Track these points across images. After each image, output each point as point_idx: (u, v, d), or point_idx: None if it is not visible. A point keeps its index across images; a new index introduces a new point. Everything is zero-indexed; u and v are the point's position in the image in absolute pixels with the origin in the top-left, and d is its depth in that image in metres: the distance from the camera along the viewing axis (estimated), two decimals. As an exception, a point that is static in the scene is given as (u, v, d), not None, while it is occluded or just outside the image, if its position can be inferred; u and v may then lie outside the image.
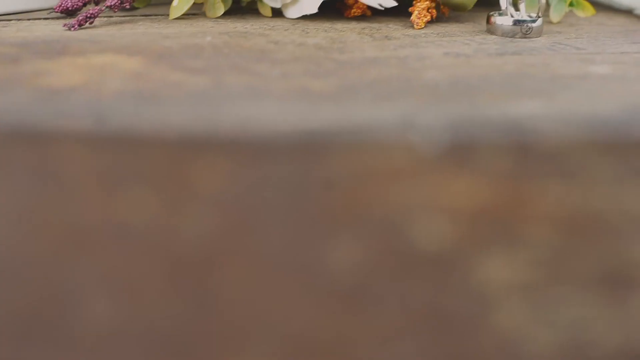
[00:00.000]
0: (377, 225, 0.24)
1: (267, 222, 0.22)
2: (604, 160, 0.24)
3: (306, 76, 0.36)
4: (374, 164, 0.23)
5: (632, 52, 0.44)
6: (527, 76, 0.38)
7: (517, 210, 0.23)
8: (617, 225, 0.24)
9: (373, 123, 0.25)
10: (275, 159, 0.23)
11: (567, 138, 0.24)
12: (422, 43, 0.43)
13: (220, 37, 0.43)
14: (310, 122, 0.25)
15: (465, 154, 0.23)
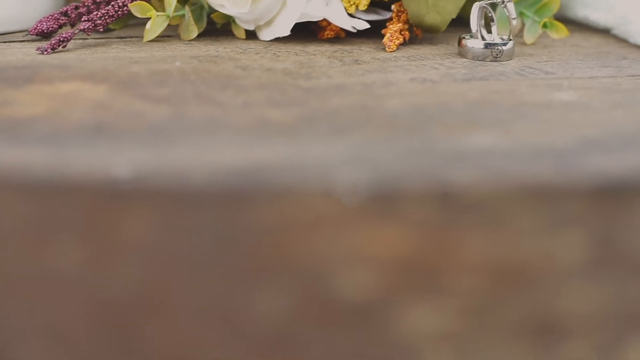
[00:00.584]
0: (303, 274, 0.24)
1: (194, 270, 0.23)
2: (531, 210, 0.24)
3: (268, 105, 0.37)
4: (299, 214, 0.24)
5: (601, 77, 0.44)
6: (489, 104, 0.38)
7: (442, 260, 0.23)
8: (544, 275, 0.24)
9: (297, 174, 0.25)
10: (200, 208, 0.24)
11: (492, 188, 0.25)
12: (390, 67, 0.44)
13: (190, 61, 0.43)
14: (237, 173, 0.25)
15: (388, 204, 0.24)
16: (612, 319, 0.25)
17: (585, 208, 0.25)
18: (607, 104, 0.39)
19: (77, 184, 0.24)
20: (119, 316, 0.22)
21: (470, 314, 0.24)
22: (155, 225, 0.23)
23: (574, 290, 0.24)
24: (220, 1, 0.47)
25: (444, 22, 0.49)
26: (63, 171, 0.25)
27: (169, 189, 0.23)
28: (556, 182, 0.25)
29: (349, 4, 0.48)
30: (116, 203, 0.23)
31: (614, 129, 0.35)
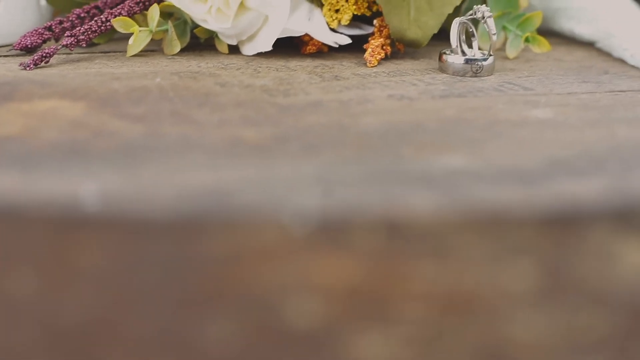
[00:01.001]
0: (253, 303, 0.24)
1: (146, 298, 0.23)
2: (479, 239, 0.25)
3: (242, 124, 0.37)
4: (249, 243, 0.24)
5: (580, 93, 0.44)
6: (463, 123, 0.38)
7: (391, 289, 0.24)
8: (493, 304, 0.24)
9: (247, 203, 0.25)
10: (152, 238, 0.24)
11: (440, 218, 0.25)
12: (369, 84, 0.44)
13: (171, 78, 0.43)
14: (188, 202, 0.25)
15: (337, 233, 0.24)
16: (561, 349, 0.25)
17: (535, 237, 0.25)
18: (582, 121, 0.39)
19: (40, 209, 0.25)
20: (73, 342, 0.23)
21: (419, 343, 0.24)
22: (110, 254, 0.23)
23: (523, 320, 0.25)
24: (203, 16, 0.47)
25: (426, 37, 0.49)
26: (28, 196, 0.26)
27: (126, 216, 0.24)
28: (507, 211, 0.25)
29: (331, 19, 0.49)
30: (74, 230, 0.24)
31: (584, 149, 0.35)
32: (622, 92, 0.45)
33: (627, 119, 0.40)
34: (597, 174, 0.31)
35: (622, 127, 0.38)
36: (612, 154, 0.34)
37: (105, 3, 0.50)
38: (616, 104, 0.42)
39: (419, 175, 0.30)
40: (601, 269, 0.24)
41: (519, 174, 0.31)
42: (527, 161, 0.33)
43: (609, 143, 0.36)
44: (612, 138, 0.37)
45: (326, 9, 0.48)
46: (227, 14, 0.47)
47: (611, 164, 0.33)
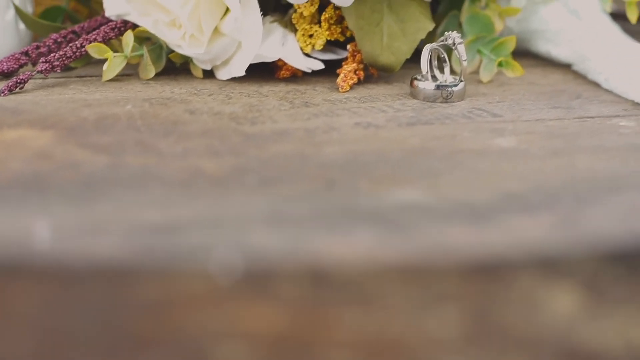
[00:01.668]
0: (183, 349, 0.24)
1: (78, 345, 0.23)
2: (404, 287, 0.25)
3: (205, 155, 0.37)
4: (179, 290, 0.24)
5: (548, 119, 0.44)
6: (426, 152, 0.38)
7: (315, 336, 0.24)
8: (418, 351, 0.25)
9: (177, 252, 0.26)
10: (86, 285, 0.24)
11: (367, 266, 0.25)
12: (338, 110, 0.44)
13: (142, 104, 0.44)
14: (121, 252, 0.26)
15: (262, 282, 0.24)
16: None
17: (460, 284, 0.25)
18: (545, 150, 0.39)
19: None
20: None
21: (347, 389, 0.24)
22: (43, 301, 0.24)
23: (449, 366, 0.25)
24: (177, 42, 0.48)
25: (398, 62, 0.49)
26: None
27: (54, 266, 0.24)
28: (433, 258, 0.25)
29: (305, 44, 0.49)
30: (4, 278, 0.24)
31: (539, 182, 0.35)
32: (590, 119, 0.45)
33: (591, 147, 0.40)
34: (547, 211, 0.32)
35: (584, 156, 0.39)
36: (568, 187, 0.34)
37: (82, 27, 0.51)
38: (582, 131, 0.42)
39: (366, 213, 0.31)
40: (526, 315, 0.25)
41: (468, 209, 0.32)
42: (479, 195, 0.33)
43: (567, 175, 0.36)
44: (571, 169, 0.37)
45: (300, 34, 0.49)
46: (201, 40, 0.47)
47: (564, 200, 0.33)
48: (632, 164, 0.38)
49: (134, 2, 0.47)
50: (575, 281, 0.25)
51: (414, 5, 0.50)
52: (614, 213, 0.32)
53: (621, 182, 0.35)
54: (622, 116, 0.45)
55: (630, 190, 0.34)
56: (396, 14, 0.49)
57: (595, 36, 0.53)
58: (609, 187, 0.35)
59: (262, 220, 0.30)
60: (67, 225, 0.29)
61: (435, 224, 0.30)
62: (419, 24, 0.49)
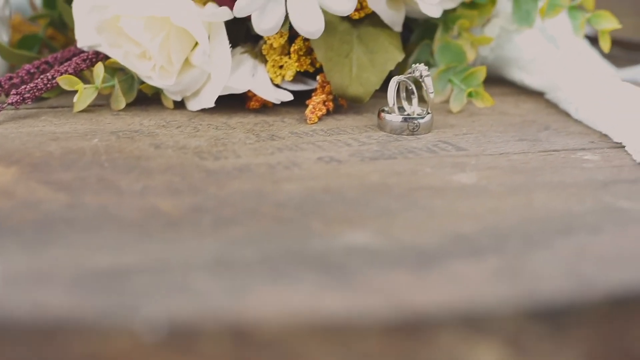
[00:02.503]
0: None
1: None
2: (326, 347, 0.25)
3: (164, 193, 0.38)
4: (101, 349, 0.25)
5: (512, 153, 0.44)
6: (383, 190, 0.39)
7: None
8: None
9: (103, 310, 0.26)
10: (11, 341, 0.25)
11: (290, 325, 0.26)
12: (303, 144, 0.44)
13: (108, 138, 0.44)
14: (46, 309, 0.26)
15: (185, 340, 0.25)
16: None
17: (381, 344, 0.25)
18: (503, 187, 0.39)
19: None
20: None
21: None
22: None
23: None
24: (148, 73, 0.48)
25: (367, 93, 0.49)
26: None
27: None
28: (355, 319, 0.25)
29: (275, 75, 0.49)
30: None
31: (492, 223, 0.35)
32: (555, 152, 0.45)
33: (551, 184, 0.40)
34: (493, 255, 0.32)
35: (542, 194, 0.39)
36: (519, 228, 0.35)
37: (55, 58, 0.51)
38: (545, 166, 0.43)
39: (312, 259, 0.31)
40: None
41: (415, 254, 0.32)
42: (429, 238, 0.33)
43: (522, 214, 0.36)
44: (527, 208, 0.37)
45: (270, 65, 0.49)
46: (171, 72, 0.48)
47: (513, 243, 0.33)
48: (588, 202, 0.38)
49: (104, 34, 0.48)
50: (499, 339, 0.25)
51: (383, 36, 0.50)
52: (559, 258, 0.32)
53: (574, 223, 0.36)
54: (588, 149, 0.45)
55: (580, 232, 0.35)
56: (366, 45, 0.50)
57: (567, 66, 0.53)
58: (561, 228, 0.35)
59: (205, 268, 0.30)
60: (15, 272, 0.30)
61: (378, 271, 0.30)
62: (388, 54, 0.50)
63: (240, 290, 0.29)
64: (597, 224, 0.35)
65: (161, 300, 0.27)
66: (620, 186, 0.40)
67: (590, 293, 0.29)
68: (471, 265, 0.31)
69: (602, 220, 0.36)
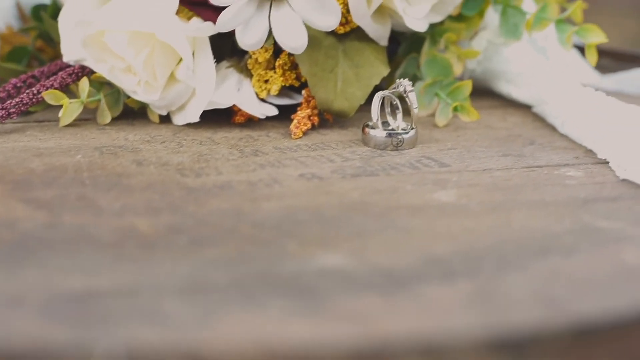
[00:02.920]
0: None
1: None
2: None
3: (143, 212, 0.38)
4: None
5: (495, 169, 0.44)
6: (362, 209, 0.39)
7: None
8: None
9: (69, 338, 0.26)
10: None
11: (253, 355, 0.26)
12: (286, 160, 0.44)
13: (92, 154, 0.44)
14: (15, 336, 0.27)
15: None
16: None
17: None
18: (483, 206, 0.39)
19: None
20: None
21: None
22: None
23: None
24: (133, 88, 0.48)
25: (352, 108, 0.49)
26: None
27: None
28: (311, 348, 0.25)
29: (260, 89, 0.49)
30: None
31: (468, 244, 0.35)
32: (538, 168, 0.45)
33: (531, 202, 0.40)
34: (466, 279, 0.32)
35: (521, 213, 0.39)
36: (495, 250, 0.34)
37: (42, 72, 0.51)
38: (527, 183, 0.42)
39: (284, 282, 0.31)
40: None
41: (387, 277, 0.32)
42: (402, 260, 0.33)
43: (499, 235, 0.36)
44: (505, 228, 0.37)
45: (255, 80, 0.49)
46: (156, 87, 0.48)
47: (487, 265, 0.33)
48: (566, 222, 0.38)
49: (89, 49, 0.48)
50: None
51: (369, 50, 0.50)
52: (532, 281, 0.32)
53: (550, 243, 0.35)
54: (572, 165, 0.45)
55: (556, 253, 0.34)
56: (351, 59, 0.50)
57: (555, 79, 0.53)
58: (537, 250, 0.35)
59: (176, 292, 0.30)
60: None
61: (349, 296, 0.30)
62: (374, 69, 0.50)
63: (209, 316, 0.29)
64: (573, 245, 0.35)
65: (127, 327, 0.27)
66: (600, 205, 0.40)
67: (558, 320, 0.29)
68: (442, 290, 0.31)
69: (578, 241, 0.36)
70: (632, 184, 0.43)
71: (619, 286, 0.32)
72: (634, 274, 0.33)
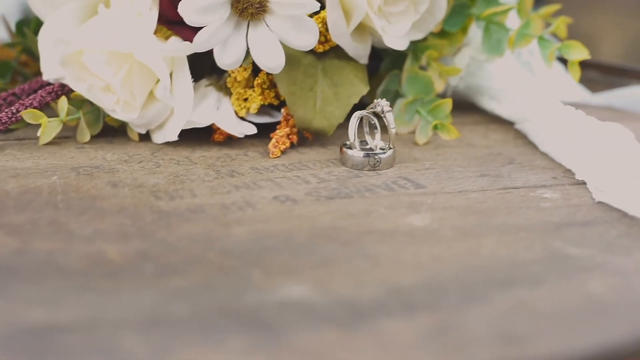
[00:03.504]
0: None
1: None
2: None
3: (113, 237, 0.38)
4: None
5: (471, 191, 0.44)
6: (333, 234, 0.38)
7: None
8: None
9: None
10: None
11: None
12: (262, 181, 0.44)
13: (68, 175, 0.44)
14: None
15: None
16: None
17: None
18: (454, 231, 0.39)
19: None
20: None
21: None
22: None
23: None
24: (112, 106, 0.48)
25: (332, 126, 0.49)
26: None
27: None
28: None
29: (239, 108, 0.49)
30: None
31: (433, 273, 0.35)
32: (514, 190, 0.45)
33: (503, 227, 0.40)
34: (426, 312, 0.32)
35: (492, 239, 0.39)
36: (460, 279, 0.34)
37: (22, 89, 0.52)
38: (501, 206, 0.42)
39: (246, 314, 0.31)
40: None
41: (348, 309, 0.32)
42: (366, 291, 0.33)
43: (466, 263, 0.36)
44: (473, 255, 0.37)
45: (234, 98, 0.49)
46: (134, 106, 0.48)
47: (450, 296, 0.33)
48: (536, 249, 0.38)
49: (68, 68, 0.48)
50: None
51: (348, 68, 0.50)
52: (494, 314, 0.32)
53: (517, 273, 0.35)
54: (549, 186, 0.45)
55: (521, 284, 0.34)
56: (330, 78, 0.50)
57: (536, 97, 0.52)
58: (503, 279, 0.35)
59: (136, 325, 0.30)
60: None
61: (309, 329, 0.30)
62: (353, 88, 0.49)
63: (167, 352, 0.29)
64: (539, 275, 0.35)
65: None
66: (572, 230, 0.40)
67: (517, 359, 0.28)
68: (402, 324, 0.31)
69: (545, 270, 0.36)
70: (607, 206, 0.43)
71: (582, 320, 0.32)
72: (598, 307, 0.33)
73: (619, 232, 0.40)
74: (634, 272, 0.36)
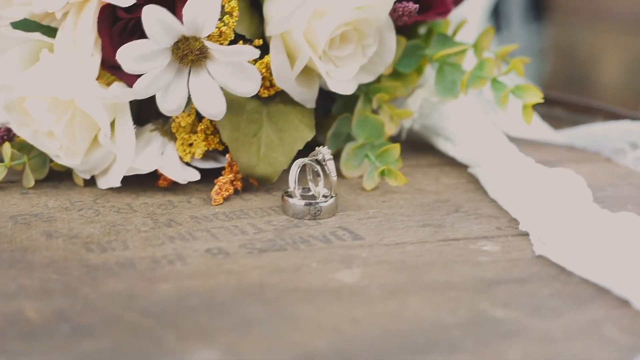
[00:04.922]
0: None
1: None
2: None
3: (35, 295, 0.37)
4: None
5: (410, 243, 0.43)
6: (256, 292, 0.38)
7: None
8: None
9: None
10: None
11: None
12: (197, 232, 0.44)
13: (5, 224, 0.44)
14: None
15: None
16: None
17: None
18: (382, 290, 0.39)
19: None
20: None
21: None
22: None
23: None
24: (56, 152, 0.48)
25: (276, 172, 0.49)
26: None
27: None
28: None
29: (184, 153, 0.49)
30: None
31: (349, 338, 0.34)
32: (454, 241, 0.44)
33: (433, 284, 0.39)
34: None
35: (419, 298, 0.38)
36: (375, 346, 0.34)
37: (-29, 133, 0.51)
38: (437, 261, 0.42)
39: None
40: None
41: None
42: (277, 357, 0.33)
43: (387, 327, 0.35)
44: (396, 318, 0.36)
45: (179, 143, 0.49)
46: (77, 152, 0.48)
47: (359, 365, 0.33)
48: (461, 310, 0.37)
49: (12, 114, 0.48)
50: None
51: (294, 113, 0.49)
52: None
53: (435, 337, 0.35)
54: (490, 237, 0.44)
55: (437, 351, 0.33)
56: (275, 123, 0.49)
57: (488, 142, 0.52)
58: (419, 346, 0.34)
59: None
60: None
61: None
62: (298, 133, 0.49)
63: None
64: (458, 341, 0.34)
65: None
66: (504, 288, 0.39)
67: None
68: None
69: (465, 336, 0.35)
70: (546, 261, 0.42)
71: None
72: (511, 377, 0.32)
73: (552, 290, 0.39)
74: (559, 338, 0.35)
